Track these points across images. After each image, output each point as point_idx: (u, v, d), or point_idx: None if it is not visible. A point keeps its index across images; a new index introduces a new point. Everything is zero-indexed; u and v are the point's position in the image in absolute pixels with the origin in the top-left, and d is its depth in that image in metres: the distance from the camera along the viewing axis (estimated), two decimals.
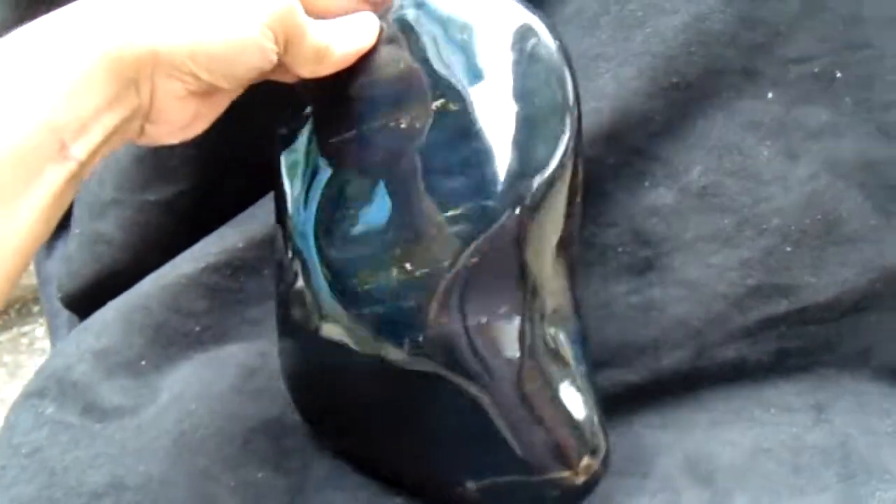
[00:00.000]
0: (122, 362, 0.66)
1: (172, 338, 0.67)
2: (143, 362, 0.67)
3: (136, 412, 0.64)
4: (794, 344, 0.65)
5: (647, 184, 0.63)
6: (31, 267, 2.36)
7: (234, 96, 0.50)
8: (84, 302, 0.75)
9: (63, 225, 0.80)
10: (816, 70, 0.61)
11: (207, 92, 0.47)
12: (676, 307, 0.63)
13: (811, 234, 0.63)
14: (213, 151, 0.68)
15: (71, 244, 0.75)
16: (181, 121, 0.48)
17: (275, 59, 0.46)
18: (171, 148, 0.66)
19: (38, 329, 2.12)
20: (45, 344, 2.08)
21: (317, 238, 0.54)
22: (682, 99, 0.62)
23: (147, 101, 0.44)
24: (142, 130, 0.47)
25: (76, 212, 0.75)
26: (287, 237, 0.57)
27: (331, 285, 0.53)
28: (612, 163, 0.63)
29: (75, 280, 0.74)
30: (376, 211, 0.51)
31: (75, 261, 0.74)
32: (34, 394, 0.66)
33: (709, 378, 0.65)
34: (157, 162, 0.69)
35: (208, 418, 0.63)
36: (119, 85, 0.41)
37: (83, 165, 0.41)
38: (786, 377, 0.66)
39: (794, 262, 0.63)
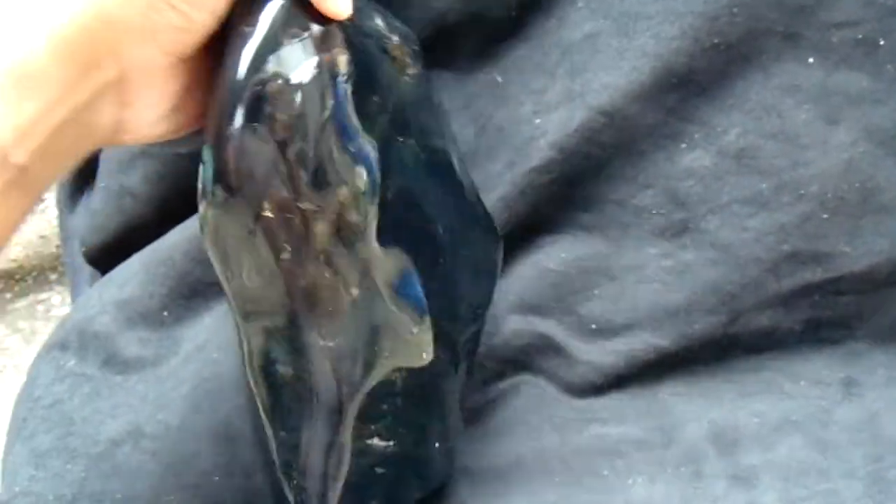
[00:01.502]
0: (144, 312, 0.66)
1: (195, 288, 0.67)
2: (166, 313, 0.66)
3: (157, 363, 0.64)
4: (826, 314, 0.65)
5: (683, 145, 0.63)
6: (47, 235, 2.37)
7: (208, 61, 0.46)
8: (107, 256, 0.75)
9: (87, 180, 0.80)
10: (859, 36, 0.60)
11: (184, 57, 0.42)
12: (710, 271, 0.63)
13: (848, 202, 0.62)
14: None
15: (95, 198, 0.74)
16: (162, 101, 0.44)
17: None
18: None
19: (55, 297, 2.12)
20: (62, 311, 2.08)
21: None
22: (722, 60, 0.61)
23: (115, 79, 0.40)
24: (119, 126, 0.42)
25: (102, 165, 0.74)
26: None
27: None
28: (650, 123, 0.62)
29: (99, 234, 0.74)
30: None
31: (100, 214, 0.73)
32: (55, 346, 0.66)
33: (739, 347, 0.65)
34: None
35: (229, 368, 0.62)
36: (66, 75, 0.37)
37: (25, 170, 0.37)
38: (817, 349, 0.66)
39: (831, 230, 0.62)
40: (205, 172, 0.45)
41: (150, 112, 0.43)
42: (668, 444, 0.61)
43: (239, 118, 0.43)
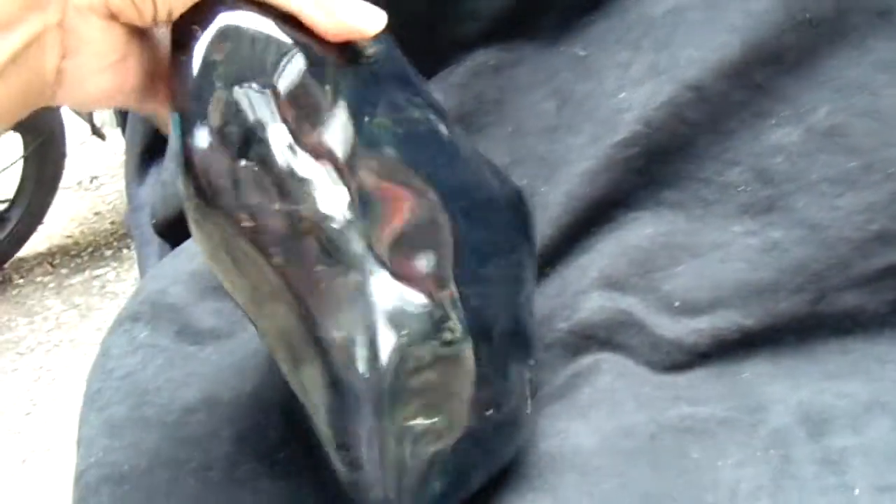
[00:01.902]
0: (217, 284, 0.65)
1: None
2: None
3: (230, 335, 0.64)
4: None
5: (772, 122, 0.61)
6: (102, 211, 2.39)
7: (156, 57, 0.46)
8: (177, 229, 0.74)
9: (157, 151, 0.80)
10: None
11: (123, 16, 0.42)
12: (798, 250, 0.61)
13: None
14: None
15: (167, 170, 0.74)
16: (107, 54, 0.42)
17: None
18: None
19: (110, 273, 2.15)
20: (117, 287, 2.11)
21: None
22: (813, 36, 0.60)
23: (55, 22, 0.39)
24: (60, 76, 0.42)
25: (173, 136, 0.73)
26: None
27: None
28: (738, 99, 0.61)
29: (170, 206, 0.74)
30: None
31: (171, 186, 0.73)
32: (127, 318, 0.66)
33: (824, 328, 0.63)
34: None
35: None
36: (11, 6, 0.37)
37: None
38: None
39: None
40: (176, 144, 0.44)
41: (90, 62, 0.42)
42: (755, 425, 0.59)
43: (201, 136, 0.42)
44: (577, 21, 0.66)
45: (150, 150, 0.80)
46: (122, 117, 0.84)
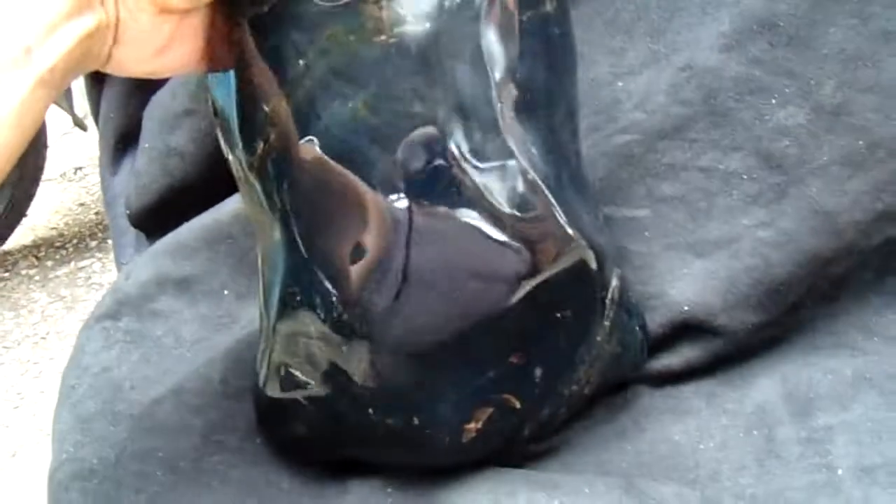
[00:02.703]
0: (207, 292, 0.65)
1: (254, 266, 0.65)
2: (226, 291, 0.66)
3: (207, 338, 0.63)
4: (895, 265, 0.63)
5: (774, 101, 0.59)
6: (86, 202, 2.37)
7: (203, 22, 0.48)
8: (153, 219, 0.74)
9: (130, 141, 0.79)
10: None
11: (176, 9, 0.45)
12: (810, 240, 0.59)
13: None
14: None
15: (140, 159, 0.73)
16: (153, 42, 0.46)
17: None
18: None
19: (96, 264, 2.14)
20: (102, 278, 2.10)
21: None
22: (806, 2, 0.58)
23: (112, 17, 0.44)
24: (109, 56, 0.46)
25: (146, 125, 0.73)
26: None
27: None
28: (734, 76, 0.59)
29: (144, 196, 0.73)
30: None
31: (145, 175, 0.72)
32: (106, 316, 0.65)
33: (811, 295, 0.62)
34: None
35: None
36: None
37: (52, 72, 0.41)
38: (888, 303, 0.63)
39: None
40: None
41: (138, 51, 0.46)
42: (739, 400, 0.59)
43: None
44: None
45: (123, 140, 0.79)
46: (95, 108, 0.83)
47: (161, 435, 0.56)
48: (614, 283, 0.53)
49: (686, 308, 0.59)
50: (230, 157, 0.52)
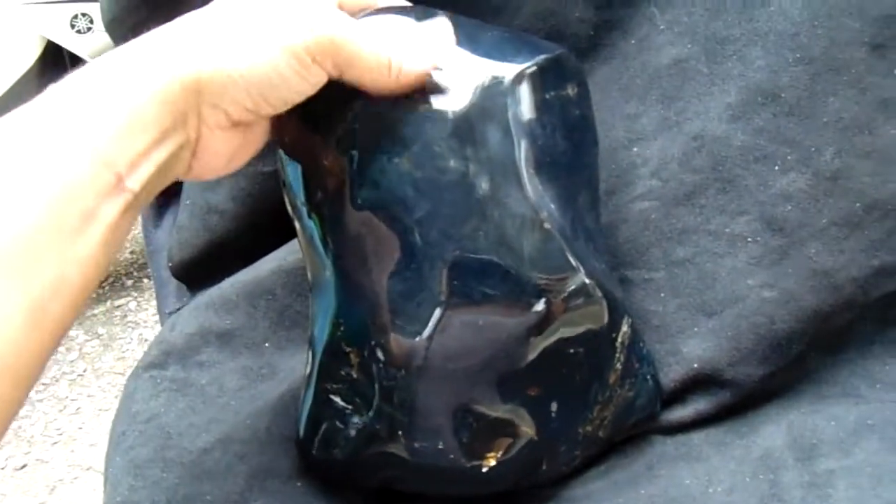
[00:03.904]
0: (249, 344, 0.68)
1: (295, 320, 0.69)
2: (267, 344, 0.69)
3: (254, 386, 0.67)
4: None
5: (777, 167, 0.62)
6: (124, 242, 2.39)
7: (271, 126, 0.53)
8: (193, 272, 0.77)
9: (172, 197, 0.82)
10: None
11: (250, 122, 0.49)
12: (811, 297, 0.62)
13: None
14: None
15: (182, 214, 0.76)
16: (226, 153, 0.49)
17: (315, 81, 0.47)
18: None
19: (131, 303, 2.17)
20: (138, 317, 2.13)
21: None
22: (808, 74, 0.61)
23: (194, 135, 0.47)
24: (189, 167, 0.49)
25: (187, 183, 0.76)
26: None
27: None
28: (740, 145, 0.62)
29: (185, 250, 0.76)
30: None
31: (186, 230, 0.75)
32: (153, 366, 0.68)
33: (816, 346, 0.64)
34: None
35: None
36: (171, 119, 0.44)
37: (137, 197, 0.43)
38: (892, 353, 0.66)
39: None
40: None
41: (212, 161, 0.49)
42: (747, 447, 0.62)
43: None
44: None
45: (166, 194, 0.81)
46: None
47: (209, 480, 0.59)
48: (624, 328, 0.58)
49: (696, 364, 0.62)
50: (291, 204, 0.58)
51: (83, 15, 2.02)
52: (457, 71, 0.51)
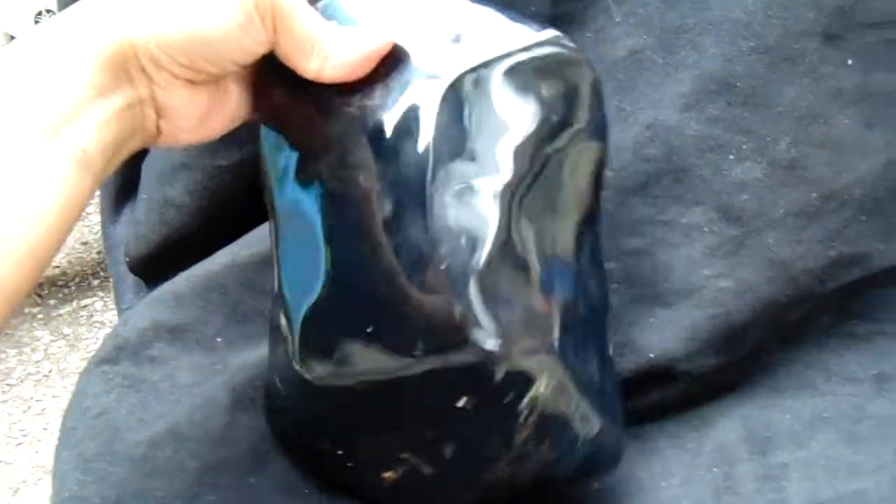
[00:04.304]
0: (200, 339, 0.67)
1: (248, 315, 0.68)
2: (219, 339, 0.67)
3: (203, 383, 0.65)
4: (853, 306, 0.65)
5: (732, 157, 0.62)
6: (89, 241, 2.38)
7: (244, 87, 0.51)
8: (151, 267, 0.76)
9: (130, 191, 0.81)
10: (893, 36, 0.61)
11: (206, 81, 0.47)
12: (767, 289, 0.62)
13: (883, 202, 0.62)
14: None
15: (139, 209, 0.75)
16: (193, 115, 0.48)
17: (264, 39, 0.46)
18: None
19: (98, 302, 2.15)
20: (105, 317, 2.11)
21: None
22: (762, 64, 0.61)
23: (147, 94, 0.46)
24: (159, 130, 0.48)
25: (144, 177, 0.75)
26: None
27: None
28: (694, 134, 0.62)
29: (142, 244, 0.75)
30: None
31: (143, 225, 0.74)
32: (105, 361, 0.67)
33: (772, 339, 0.65)
34: None
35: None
36: (105, 76, 0.43)
37: (87, 153, 0.43)
38: (846, 345, 0.66)
39: (868, 231, 0.63)
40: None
41: (181, 122, 0.48)
42: (701, 440, 0.62)
43: None
44: None
45: (123, 190, 0.81)
46: None
47: (159, 476, 0.58)
48: (540, 391, 0.50)
49: (651, 356, 0.62)
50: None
51: (48, 11, 2.01)
52: (391, 72, 0.48)
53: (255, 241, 0.68)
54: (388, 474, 0.54)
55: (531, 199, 0.49)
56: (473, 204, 0.47)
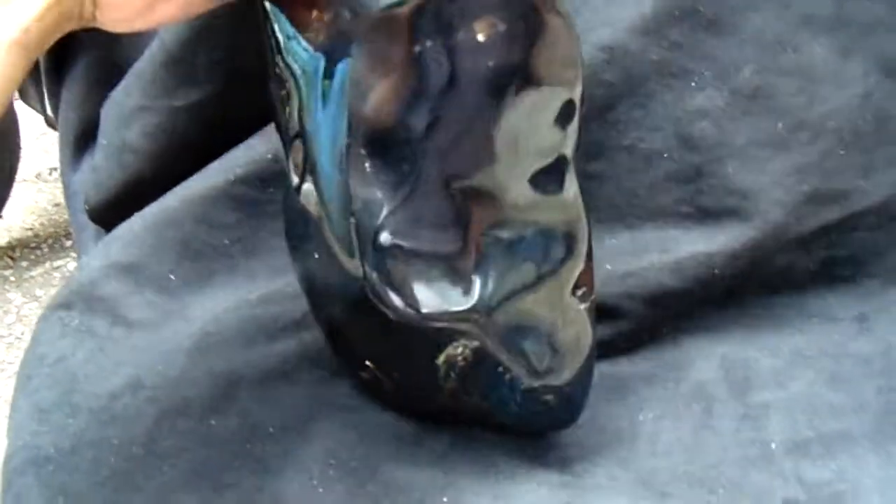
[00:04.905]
0: (151, 276, 0.66)
1: (202, 251, 0.66)
2: (172, 276, 0.66)
3: (162, 323, 0.64)
4: (841, 252, 0.64)
5: (693, 84, 0.61)
6: (61, 203, 2.36)
7: None
8: (110, 214, 0.74)
9: (89, 139, 0.79)
10: None
11: None
12: (731, 217, 0.61)
13: (863, 136, 0.61)
14: (242, 57, 0.66)
15: (97, 155, 0.73)
16: (133, 3, 0.46)
17: None
18: (197, 51, 0.65)
19: (71, 263, 2.13)
20: None
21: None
22: None
23: None
24: (93, 16, 0.46)
25: (102, 123, 0.73)
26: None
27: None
28: (655, 59, 0.61)
29: (101, 191, 0.73)
30: None
31: (102, 171, 0.73)
32: (60, 306, 0.66)
33: (751, 284, 0.64)
34: (185, 67, 0.67)
35: (233, 325, 0.62)
36: None
37: (28, 33, 0.41)
38: (830, 287, 0.65)
39: (847, 166, 0.61)
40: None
41: (119, 13, 0.46)
42: (678, 380, 0.61)
43: None
44: None
45: (83, 138, 0.79)
46: (55, 108, 0.84)
47: (116, 425, 0.57)
48: (457, 351, 0.52)
49: (608, 267, 0.61)
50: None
51: None
52: None
53: (210, 173, 0.67)
54: (362, 374, 0.56)
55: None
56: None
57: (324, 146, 0.47)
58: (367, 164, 0.45)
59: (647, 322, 0.63)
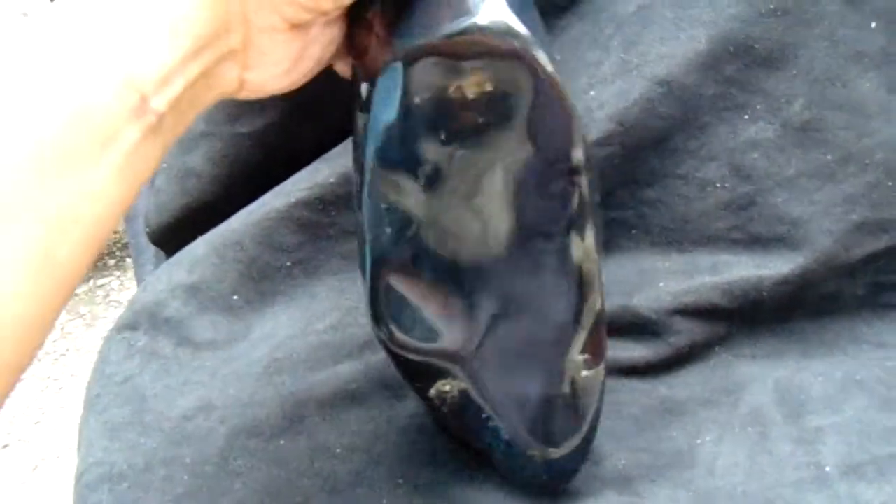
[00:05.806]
0: (215, 297, 0.67)
1: (264, 272, 0.68)
2: (236, 297, 0.67)
3: (227, 345, 0.66)
4: (889, 279, 0.65)
5: (746, 116, 0.62)
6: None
7: (333, 33, 0.47)
8: (171, 237, 0.75)
9: None
10: None
11: (308, 21, 0.43)
12: (780, 244, 0.63)
13: None
14: (305, 86, 0.67)
15: (159, 178, 0.75)
16: (283, 61, 0.44)
17: None
18: None
19: (114, 282, 2.16)
20: (121, 296, 2.12)
21: None
22: (781, 26, 0.61)
23: (240, 44, 0.41)
24: (241, 84, 0.44)
25: None
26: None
27: None
28: (710, 94, 0.62)
29: (163, 214, 0.74)
30: None
31: (164, 194, 0.74)
32: (126, 327, 0.67)
33: (802, 310, 0.65)
34: None
35: (300, 348, 0.64)
36: (213, 25, 0.39)
37: (163, 118, 0.38)
38: (878, 314, 0.66)
39: (894, 197, 0.62)
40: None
41: (268, 72, 0.44)
42: (733, 404, 0.61)
43: None
44: (553, 26, 0.66)
45: None
46: None
47: (189, 444, 0.59)
48: (446, 388, 0.53)
49: (669, 299, 0.63)
50: None
51: None
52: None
53: (273, 197, 0.68)
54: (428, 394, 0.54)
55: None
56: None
57: None
58: None
59: (699, 341, 0.64)
